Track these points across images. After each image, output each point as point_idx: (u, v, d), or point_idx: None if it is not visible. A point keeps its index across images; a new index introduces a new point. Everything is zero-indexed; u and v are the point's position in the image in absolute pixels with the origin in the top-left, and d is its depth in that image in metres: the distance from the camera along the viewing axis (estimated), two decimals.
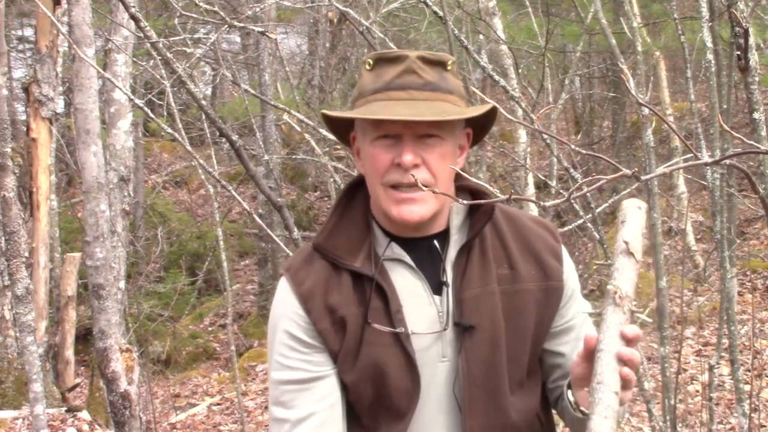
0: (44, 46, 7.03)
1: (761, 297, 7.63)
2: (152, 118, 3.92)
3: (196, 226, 12.72)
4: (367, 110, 1.57)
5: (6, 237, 4.58)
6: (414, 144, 1.55)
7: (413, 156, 1.54)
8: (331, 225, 1.68)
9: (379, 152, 1.57)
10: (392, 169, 1.57)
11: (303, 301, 1.62)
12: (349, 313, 1.60)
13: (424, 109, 1.54)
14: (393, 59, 1.60)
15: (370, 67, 1.62)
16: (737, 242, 7.27)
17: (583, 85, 12.83)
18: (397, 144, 1.56)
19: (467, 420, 1.58)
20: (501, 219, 1.69)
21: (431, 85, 1.58)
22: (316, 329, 1.60)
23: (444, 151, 1.58)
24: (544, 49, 4.67)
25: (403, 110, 1.54)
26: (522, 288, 1.63)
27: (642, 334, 1.37)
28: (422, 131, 1.56)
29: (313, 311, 1.61)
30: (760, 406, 4.71)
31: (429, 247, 1.64)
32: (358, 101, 1.62)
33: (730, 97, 5.47)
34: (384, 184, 1.58)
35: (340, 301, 1.61)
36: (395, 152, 1.56)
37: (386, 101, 1.57)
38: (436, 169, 1.56)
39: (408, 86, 1.57)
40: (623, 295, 1.34)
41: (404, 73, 1.58)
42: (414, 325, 1.59)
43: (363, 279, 1.61)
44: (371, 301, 1.59)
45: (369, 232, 1.66)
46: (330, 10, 10.97)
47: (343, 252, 1.63)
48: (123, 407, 4.58)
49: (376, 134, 1.58)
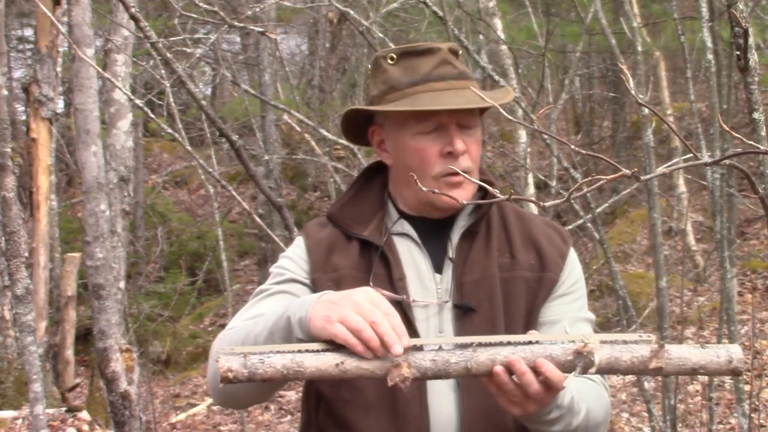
0: (44, 46, 7.03)
1: (761, 297, 7.62)
2: (152, 118, 3.92)
3: (196, 226, 12.72)
4: (415, 102, 1.62)
5: (6, 237, 4.58)
6: (460, 132, 1.62)
7: (463, 144, 1.61)
8: (346, 198, 1.75)
9: (426, 145, 1.63)
10: (441, 159, 1.62)
11: (308, 251, 1.69)
12: (349, 275, 1.65)
13: (471, 97, 1.60)
14: (424, 52, 1.65)
15: (393, 62, 1.67)
16: (737, 242, 7.27)
17: (583, 85, 12.82)
18: (441, 135, 1.62)
19: (465, 401, 1.60)
20: (511, 215, 1.73)
21: (464, 74, 1.66)
22: (312, 277, 1.66)
23: (478, 138, 1.67)
24: (544, 49, 4.67)
25: (453, 99, 1.60)
26: (518, 275, 1.66)
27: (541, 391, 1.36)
28: (464, 120, 1.63)
29: (314, 261, 1.67)
30: (760, 406, 4.70)
31: (438, 228, 1.70)
32: (391, 95, 1.65)
33: (730, 97, 5.48)
34: (437, 176, 1.63)
35: (344, 264, 1.66)
36: (442, 142, 1.62)
37: (431, 92, 1.62)
38: (474, 155, 1.64)
39: (447, 76, 1.64)
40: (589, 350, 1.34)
41: (441, 64, 1.64)
42: (415, 295, 1.64)
43: (370, 248, 1.67)
44: (375, 268, 1.65)
45: (382, 209, 1.72)
46: (330, 10, 10.97)
47: (354, 222, 1.70)
48: (123, 407, 4.58)
49: (420, 127, 1.63)
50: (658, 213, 4.11)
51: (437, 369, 1.36)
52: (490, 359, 1.35)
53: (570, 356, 1.34)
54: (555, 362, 1.35)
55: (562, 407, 1.47)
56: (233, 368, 1.36)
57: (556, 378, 1.35)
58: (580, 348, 1.33)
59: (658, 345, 1.33)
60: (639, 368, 1.33)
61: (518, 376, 1.35)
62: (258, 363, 1.36)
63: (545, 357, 1.35)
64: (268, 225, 9.56)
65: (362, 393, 1.61)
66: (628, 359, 1.33)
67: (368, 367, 1.36)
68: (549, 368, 1.34)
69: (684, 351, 1.33)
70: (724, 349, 1.33)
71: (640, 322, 5.93)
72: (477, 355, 1.36)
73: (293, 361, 1.37)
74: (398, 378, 1.35)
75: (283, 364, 1.36)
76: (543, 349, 1.35)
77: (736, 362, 1.32)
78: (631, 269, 9.05)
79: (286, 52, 13.97)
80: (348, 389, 1.63)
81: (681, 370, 1.33)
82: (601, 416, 1.59)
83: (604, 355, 1.33)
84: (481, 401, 1.60)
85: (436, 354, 1.37)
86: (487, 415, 1.60)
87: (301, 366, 1.37)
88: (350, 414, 1.62)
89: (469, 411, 1.59)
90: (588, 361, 1.33)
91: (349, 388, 1.62)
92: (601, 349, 1.33)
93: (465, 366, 1.35)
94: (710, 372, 1.34)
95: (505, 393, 1.38)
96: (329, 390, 1.65)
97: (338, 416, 1.64)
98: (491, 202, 1.70)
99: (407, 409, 1.59)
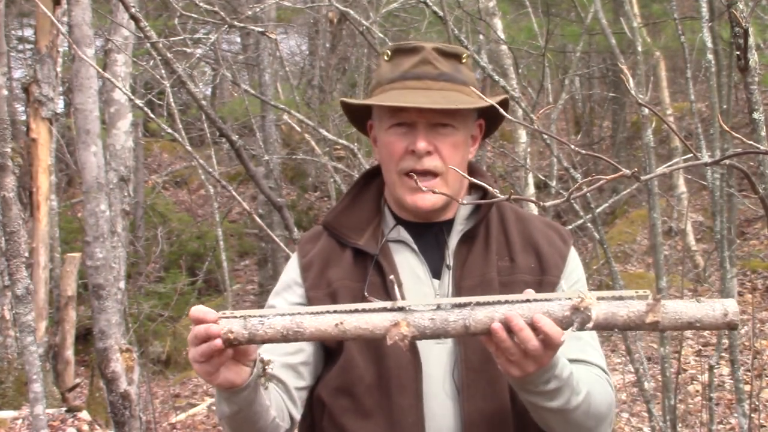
0: (44, 46, 7.02)
1: (761, 297, 7.62)
2: (152, 118, 3.92)
3: (196, 226, 12.72)
4: (383, 98, 1.63)
5: (6, 237, 4.58)
6: (427, 132, 1.61)
7: (426, 143, 1.60)
8: (342, 206, 1.76)
9: (394, 140, 1.63)
10: (406, 157, 1.62)
11: (302, 270, 1.70)
12: (342, 286, 1.65)
13: (439, 98, 1.59)
14: (410, 50, 1.66)
15: (388, 58, 1.68)
16: (737, 242, 7.27)
17: (583, 85, 12.82)
18: (411, 132, 1.62)
19: (465, 405, 1.59)
20: (511, 217, 1.72)
21: (446, 75, 1.64)
22: (307, 296, 1.67)
23: (456, 140, 1.63)
24: (544, 49, 4.66)
25: (418, 98, 1.59)
26: (518, 278, 1.65)
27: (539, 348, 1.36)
28: (436, 120, 1.61)
29: (308, 279, 1.68)
30: (760, 406, 4.70)
31: (435, 233, 1.70)
32: (376, 90, 1.68)
33: (730, 97, 5.48)
34: (399, 172, 1.64)
35: (338, 275, 1.67)
36: (409, 140, 1.62)
37: (402, 90, 1.63)
38: (447, 157, 1.62)
39: (423, 76, 1.63)
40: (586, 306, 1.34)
41: (420, 63, 1.64)
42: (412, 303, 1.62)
43: (365, 256, 1.68)
44: (370, 276, 1.65)
45: (378, 216, 1.73)
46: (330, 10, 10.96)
47: (349, 230, 1.70)
48: (123, 407, 4.58)
49: (391, 122, 1.64)
50: (658, 213, 4.11)
51: (436, 328, 1.35)
52: (488, 317, 1.35)
53: (567, 312, 1.34)
54: (552, 318, 1.34)
55: (561, 378, 1.45)
56: (234, 329, 1.36)
57: (553, 333, 1.33)
58: (577, 303, 1.33)
59: (654, 299, 1.33)
60: (636, 323, 1.33)
61: (516, 333, 1.34)
62: (258, 324, 1.36)
63: (543, 313, 1.34)
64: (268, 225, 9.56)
65: (360, 400, 1.61)
66: (625, 314, 1.33)
67: (367, 327, 1.36)
68: (546, 323, 1.33)
69: (680, 305, 1.33)
70: (719, 303, 1.33)
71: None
72: (475, 313, 1.35)
73: (293, 321, 1.36)
74: (397, 336, 1.34)
75: (283, 325, 1.36)
76: (540, 306, 1.35)
77: (732, 315, 1.32)
78: (631, 269, 9.06)
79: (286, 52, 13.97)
80: (346, 397, 1.63)
81: (677, 325, 1.33)
82: (605, 408, 1.57)
83: (601, 310, 1.33)
84: (481, 408, 1.59)
85: (435, 313, 1.36)
86: (487, 421, 1.59)
87: (301, 327, 1.36)
88: (348, 421, 1.62)
89: (469, 417, 1.59)
90: (585, 317, 1.33)
91: (347, 396, 1.63)
92: (598, 305, 1.33)
93: (463, 324, 1.35)
94: (706, 325, 1.34)
95: (503, 351, 1.37)
96: (328, 397, 1.65)
97: (338, 424, 1.64)
98: (489, 203, 1.69)
99: (403, 417, 1.59)
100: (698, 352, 6.78)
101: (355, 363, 1.62)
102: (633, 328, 1.35)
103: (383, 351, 1.61)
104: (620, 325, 1.34)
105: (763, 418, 4.72)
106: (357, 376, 1.62)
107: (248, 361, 1.44)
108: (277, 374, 1.62)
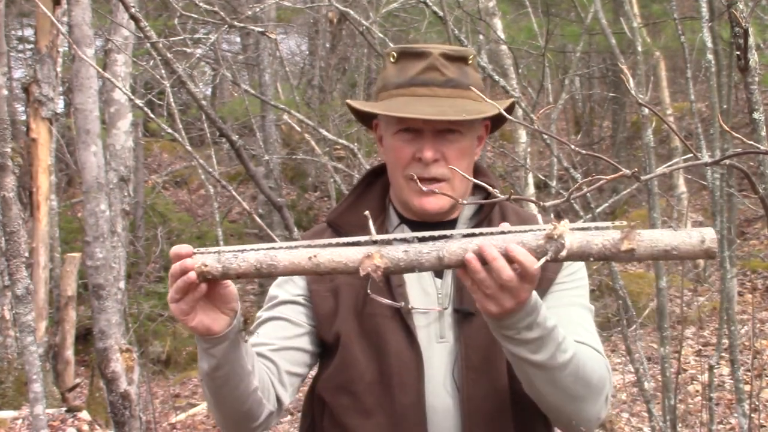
0: (44, 46, 7.02)
1: (761, 297, 7.62)
2: (152, 118, 3.92)
3: (196, 226, 12.71)
4: (390, 105, 1.62)
5: (6, 237, 4.57)
6: (434, 139, 1.61)
7: (433, 152, 1.60)
8: (346, 204, 1.76)
9: (401, 146, 1.63)
10: (413, 163, 1.62)
11: None
12: (344, 283, 1.66)
13: (447, 107, 1.59)
14: (417, 54, 1.64)
15: (394, 60, 1.67)
16: (737, 242, 7.27)
17: (583, 85, 12.82)
18: (417, 138, 1.62)
19: (466, 403, 1.59)
20: (512, 217, 1.73)
21: (453, 82, 1.63)
22: (309, 288, 1.68)
23: (463, 146, 1.63)
24: (544, 49, 4.66)
25: (426, 108, 1.59)
26: None
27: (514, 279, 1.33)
28: (443, 127, 1.61)
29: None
30: (760, 406, 4.70)
31: None
32: (382, 93, 1.68)
33: (730, 97, 5.48)
34: (405, 177, 1.64)
35: None
36: (416, 147, 1.62)
37: (409, 97, 1.62)
38: (454, 163, 1.62)
39: (430, 83, 1.62)
40: (559, 234, 1.30)
41: (427, 69, 1.63)
42: (415, 302, 1.64)
43: None
44: None
45: (383, 214, 1.73)
46: (330, 10, 10.96)
47: (353, 228, 1.69)
48: (123, 407, 4.58)
49: (397, 128, 1.64)
50: (658, 213, 4.11)
51: (410, 260, 1.33)
52: (461, 248, 1.33)
53: (541, 240, 1.31)
54: (527, 248, 1.32)
55: (544, 327, 1.42)
56: (207, 263, 1.36)
57: (527, 261, 1.31)
58: (551, 231, 1.30)
59: (629, 226, 1.30)
60: (611, 251, 1.29)
61: (489, 262, 1.32)
62: (232, 258, 1.35)
63: (517, 243, 1.32)
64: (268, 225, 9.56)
65: (361, 398, 1.62)
66: (600, 242, 1.30)
67: (341, 260, 1.34)
68: (520, 252, 1.31)
69: (656, 233, 1.30)
70: (696, 231, 1.29)
71: (640, 322, 5.94)
72: (449, 245, 1.33)
73: (266, 255, 1.35)
74: (370, 268, 1.32)
75: (257, 259, 1.35)
76: (514, 236, 1.33)
77: (709, 242, 1.28)
78: (631, 269, 9.05)
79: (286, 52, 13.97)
80: (346, 395, 1.63)
81: (653, 253, 1.29)
82: (595, 379, 1.53)
83: (575, 239, 1.30)
84: (482, 406, 1.60)
85: (409, 246, 1.34)
86: (487, 420, 1.59)
87: (274, 260, 1.35)
88: (350, 420, 1.62)
89: (470, 416, 1.59)
90: (559, 245, 1.30)
91: (348, 394, 1.63)
92: (572, 234, 1.30)
93: (437, 255, 1.33)
94: (683, 253, 1.29)
95: (479, 284, 1.35)
96: (330, 396, 1.66)
97: (340, 422, 1.64)
98: (493, 203, 1.69)
99: (405, 416, 1.59)
100: (698, 352, 6.78)
101: (355, 361, 1.63)
102: (608, 258, 1.31)
103: (384, 349, 1.61)
104: (595, 255, 1.30)
105: (763, 418, 4.72)
106: (358, 373, 1.62)
107: (227, 308, 1.43)
108: (269, 356, 1.62)
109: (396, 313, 1.62)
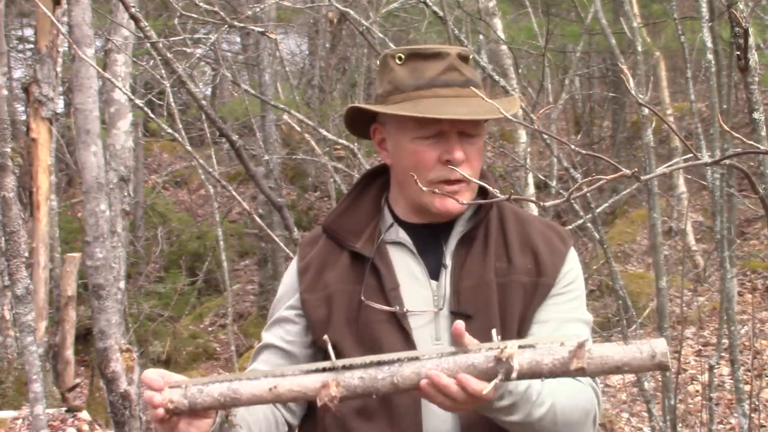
0: (44, 46, 7.02)
1: (761, 297, 7.62)
2: (152, 118, 3.92)
3: (196, 226, 12.71)
4: (417, 107, 1.59)
5: (6, 237, 4.58)
6: (460, 140, 1.61)
7: (462, 153, 1.60)
8: (341, 208, 1.75)
9: (424, 150, 1.61)
10: (438, 166, 1.61)
11: (299, 274, 1.71)
12: (338, 290, 1.66)
13: (476, 107, 1.59)
14: (432, 55, 1.63)
15: (401, 62, 1.65)
16: (737, 242, 7.27)
17: (583, 85, 12.82)
18: (441, 141, 1.61)
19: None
20: (510, 218, 1.72)
21: (471, 82, 1.63)
22: (301, 298, 1.68)
23: (480, 146, 1.65)
24: (544, 49, 4.67)
25: (458, 108, 1.58)
26: (515, 279, 1.65)
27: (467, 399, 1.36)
28: (468, 129, 1.61)
29: (304, 282, 1.69)
30: (760, 406, 4.70)
31: (435, 234, 1.69)
32: (395, 96, 1.64)
33: (730, 97, 5.48)
34: (431, 181, 1.61)
35: (334, 279, 1.67)
36: (441, 149, 1.60)
37: (434, 98, 1.60)
38: (475, 164, 1.63)
39: (452, 83, 1.62)
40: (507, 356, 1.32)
41: (447, 70, 1.62)
42: (410, 305, 1.63)
43: (362, 259, 1.67)
44: (366, 279, 1.64)
45: (377, 217, 1.71)
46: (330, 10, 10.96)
47: (347, 233, 1.69)
48: (123, 407, 4.58)
49: (420, 132, 1.61)
50: (658, 213, 4.11)
51: (365, 386, 1.37)
52: (415, 373, 1.36)
53: (491, 363, 1.33)
54: (477, 370, 1.34)
55: (515, 393, 1.43)
56: (174, 399, 1.41)
57: (476, 390, 1.33)
58: (499, 354, 1.32)
59: (577, 345, 1.30)
60: (561, 370, 1.31)
61: (441, 390, 1.35)
62: (197, 393, 1.40)
63: (467, 366, 1.34)
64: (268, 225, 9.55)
65: (364, 401, 1.61)
66: (550, 362, 1.31)
67: (299, 390, 1.39)
68: (469, 383, 1.33)
69: (606, 349, 1.30)
70: (647, 345, 1.29)
71: (640, 322, 5.94)
72: (402, 369, 1.37)
73: (229, 388, 1.40)
74: (326, 397, 1.37)
75: (220, 392, 1.40)
76: (465, 358, 1.35)
77: (660, 356, 1.28)
78: (631, 269, 9.05)
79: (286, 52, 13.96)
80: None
81: (604, 369, 1.30)
82: (578, 415, 1.55)
83: (524, 359, 1.31)
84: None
85: (364, 371, 1.38)
86: (484, 422, 1.58)
87: (237, 393, 1.40)
88: (353, 422, 1.63)
89: (467, 418, 1.58)
90: (508, 367, 1.31)
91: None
92: (521, 354, 1.31)
93: (391, 381, 1.36)
94: (635, 369, 1.30)
95: (437, 402, 1.39)
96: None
97: (343, 424, 1.64)
98: (490, 202, 1.68)
99: (402, 417, 1.60)
100: (698, 352, 6.78)
101: None
102: (559, 375, 1.33)
103: (382, 351, 1.60)
104: (546, 373, 1.32)
105: (763, 418, 4.72)
106: None
107: (207, 414, 1.47)
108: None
109: (391, 316, 1.62)
